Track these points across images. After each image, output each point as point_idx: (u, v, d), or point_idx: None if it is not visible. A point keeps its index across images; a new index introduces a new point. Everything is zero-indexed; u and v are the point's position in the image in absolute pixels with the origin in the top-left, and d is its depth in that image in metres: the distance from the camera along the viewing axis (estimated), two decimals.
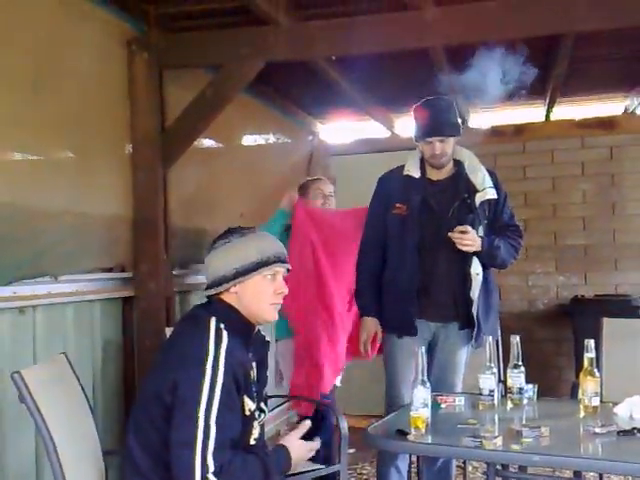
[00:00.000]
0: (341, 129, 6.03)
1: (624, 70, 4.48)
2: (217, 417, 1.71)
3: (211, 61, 3.50)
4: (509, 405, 2.58)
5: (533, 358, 4.35)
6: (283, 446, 1.88)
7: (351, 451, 4.10)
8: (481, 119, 5.68)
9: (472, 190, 2.96)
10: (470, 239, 2.86)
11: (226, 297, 1.93)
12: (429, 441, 2.14)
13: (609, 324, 3.92)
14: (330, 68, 4.03)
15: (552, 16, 3.00)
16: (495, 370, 2.59)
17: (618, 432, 2.17)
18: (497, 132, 5.64)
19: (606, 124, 5.40)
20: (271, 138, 5.25)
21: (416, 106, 3.01)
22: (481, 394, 2.57)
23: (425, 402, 2.21)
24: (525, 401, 2.60)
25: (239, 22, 3.41)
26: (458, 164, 3.04)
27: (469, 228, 2.86)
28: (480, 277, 2.92)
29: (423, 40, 3.17)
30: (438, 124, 2.92)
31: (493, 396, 2.55)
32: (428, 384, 2.24)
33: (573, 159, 5.55)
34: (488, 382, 2.56)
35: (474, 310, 2.92)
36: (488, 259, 2.95)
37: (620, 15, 2.98)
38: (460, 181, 2.99)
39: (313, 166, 5.76)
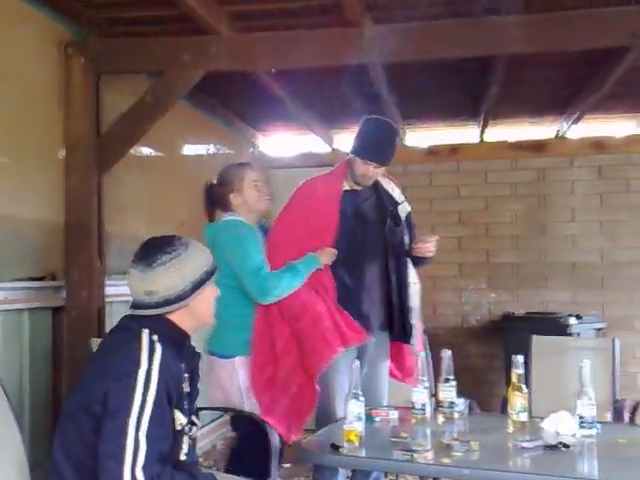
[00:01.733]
0: (282, 142, 6.05)
1: (555, 94, 4.66)
2: (147, 430, 1.67)
3: (151, 67, 3.47)
4: (440, 419, 2.61)
5: (466, 373, 4.46)
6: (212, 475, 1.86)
7: (286, 466, 4.07)
8: (417, 138, 5.79)
9: (393, 202, 3.03)
10: (434, 247, 2.94)
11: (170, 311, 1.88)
12: (362, 455, 2.15)
13: (538, 341, 4.03)
14: (272, 81, 4.05)
15: (485, 38, 3.11)
16: (427, 384, 2.63)
17: (544, 447, 2.23)
18: (433, 152, 5.77)
19: (537, 147, 5.60)
20: (212, 148, 5.24)
21: (367, 120, 2.95)
22: (413, 408, 2.60)
23: (359, 416, 2.22)
24: (456, 415, 2.63)
25: (181, 30, 3.39)
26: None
27: (434, 237, 2.94)
28: (418, 286, 2.98)
29: (362, 57, 3.23)
30: (383, 152, 2.90)
31: (425, 410, 2.59)
32: (362, 398, 2.25)
33: (505, 180, 5.72)
34: (420, 396, 2.59)
35: (412, 319, 2.97)
36: (426, 262, 3.04)
37: (551, 40, 3.11)
38: (382, 193, 3.05)
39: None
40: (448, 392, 2.64)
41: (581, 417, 2.40)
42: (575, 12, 3.10)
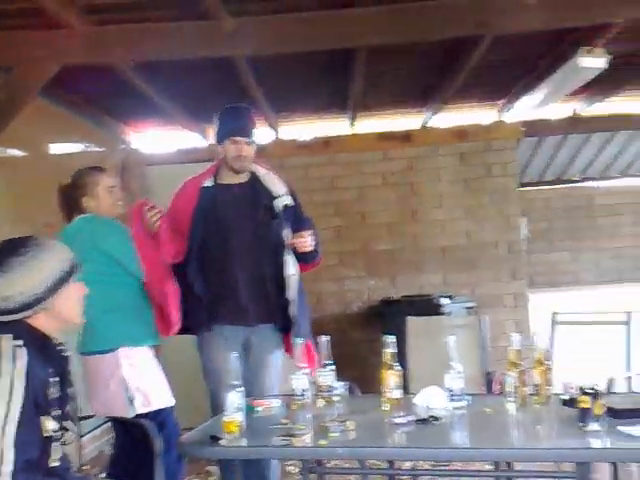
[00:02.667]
0: (158, 138, 5.92)
1: (416, 85, 4.85)
2: (14, 438, 1.61)
3: (1, 63, 3.30)
4: (321, 403, 2.67)
5: (350, 358, 4.59)
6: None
7: None
8: (291, 131, 5.86)
9: (270, 196, 3.06)
10: (310, 241, 2.99)
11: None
12: (243, 444, 2.17)
13: (412, 322, 4.22)
14: (136, 75, 3.96)
15: (343, 30, 3.20)
16: (307, 370, 2.68)
17: (416, 421, 2.34)
18: (306, 145, 5.85)
19: (404, 137, 5.81)
20: (80, 146, 5.05)
21: (221, 110, 3.08)
22: (294, 394, 2.65)
23: (239, 406, 2.23)
24: (336, 398, 2.71)
25: (31, 25, 3.24)
26: (252, 174, 3.13)
27: (307, 232, 2.99)
28: (296, 278, 3.03)
29: (220, 50, 3.24)
30: (245, 126, 3.03)
31: (305, 395, 2.64)
32: (242, 388, 2.26)
33: (376, 170, 5.90)
34: (300, 382, 2.64)
35: (291, 311, 3.01)
36: (310, 257, 3.08)
37: (406, 31, 3.25)
38: (257, 187, 3.08)
39: (126, 176, 5.60)
40: (327, 377, 2.71)
41: (450, 390, 2.54)
42: (427, 3, 3.23)
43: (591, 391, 2.13)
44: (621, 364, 3.62)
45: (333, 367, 2.71)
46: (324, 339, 2.73)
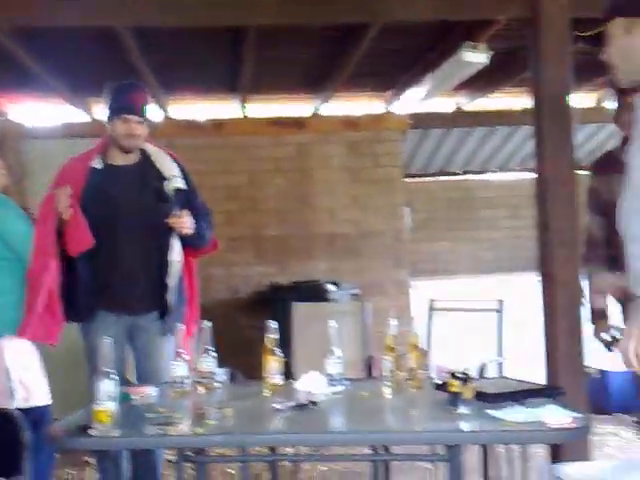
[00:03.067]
0: (39, 111, 5.60)
1: (308, 72, 4.86)
2: None
3: None
4: (201, 390, 2.63)
5: (237, 344, 4.56)
6: None
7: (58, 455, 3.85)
8: (181, 111, 5.72)
9: (160, 178, 2.97)
10: (188, 222, 2.89)
11: None
12: (114, 435, 2.09)
13: (299, 308, 4.25)
14: (13, 44, 3.71)
15: (234, 8, 3.15)
16: (187, 357, 2.63)
17: (295, 406, 2.35)
18: (197, 126, 5.73)
19: (296, 123, 5.81)
20: None
21: (111, 86, 2.97)
22: (174, 382, 2.59)
23: (111, 395, 2.15)
24: (217, 385, 2.67)
25: None
26: (143, 153, 3.03)
27: (185, 212, 2.89)
28: (179, 264, 2.95)
29: (103, 20, 3.10)
30: (137, 104, 2.93)
31: (184, 383, 2.59)
32: (114, 376, 2.18)
33: (268, 155, 5.87)
34: (179, 369, 2.59)
35: (168, 297, 2.94)
36: (196, 241, 3.01)
37: (300, 13, 3.24)
38: (147, 168, 2.99)
39: (4, 149, 5.28)
40: (209, 363, 2.67)
41: (330, 375, 2.57)
42: None
43: (461, 376, 2.21)
44: (493, 350, 3.80)
45: (214, 353, 2.68)
46: (206, 325, 2.69)
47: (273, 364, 2.57)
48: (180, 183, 3.00)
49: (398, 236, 5.90)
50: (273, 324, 2.60)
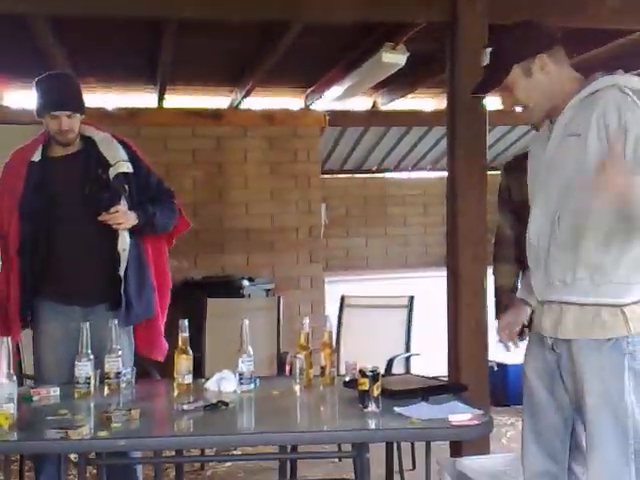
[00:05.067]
0: None
1: (228, 64, 4.79)
2: None
3: None
4: (106, 391, 2.56)
5: None
6: None
7: None
8: (96, 100, 5.52)
9: (105, 165, 2.87)
10: (122, 217, 2.80)
11: None
12: (13, 438, 2.01)
13: (212, 304, 4.20)
14: None
15: (155, 1, 3.07)
16: (92, 356, 2.55)
17: (205, 407, 2.32)
18: (109, 114, 5.54)
19: (214, 116, 5.72)
20: None
21: (38, 79, 2.85)
22: (77, 382, 2.51)
23: (10, 396, 2.07)
24: (124, 385, 2.61)
25: None
26: (88, 140, 2.92)
27: (119, 207, 2.80)
28: (126, 253, 2.85)
29: (14, 6, 2.96)
30: (65, 98, 2.83)
31: (89, 383, 2.51)
32: (14, 378, 2.10)
33: (185, 147, 5.76)
34: (84, 369, 2.51)
35: (122, 288, 2.84)
36: (150, 229, 2.92)
37: (220, 6, 3.19)
38: (90, 157, 2.89)
39: None
40: (114, 363, 2.60)
41: (241, 374, 2.56)
42: None
43: (370, 373, 2.25)
44: (401, 346, 3.89)
45: (120, 352, 2.61)
46: (112, 323, 2.62)
47: (184, 363, 2.54)
48: (124, 167, 2.88)
49: (313, 232, 5.92)
50: (185, 322, 2.56)
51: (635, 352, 1.84)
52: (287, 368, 3.54)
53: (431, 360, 3.67)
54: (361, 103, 5.77)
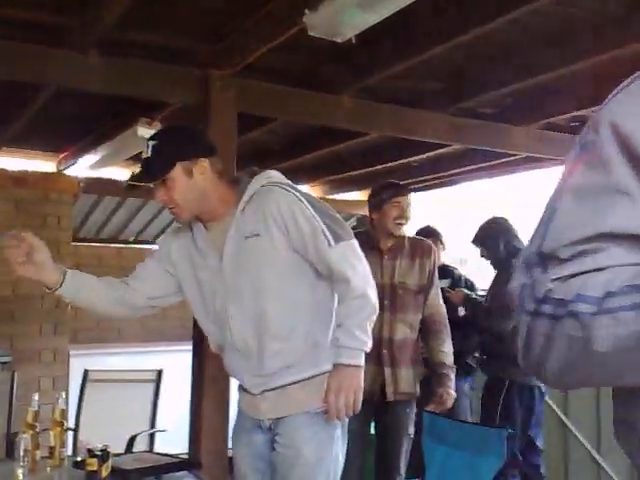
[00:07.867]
0: None
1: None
2: None
3: None
4: None
5: None
6: None
7: None
8: None
9: None
10: None
11: None
12: None
13: None
14: None
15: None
16: None
17: None
18: None
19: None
20: None
21: None
22: None
23: None
24: None
25: None
26: None
27: None
28: None
29: None
30: None
31: None
32: None
33: None
34: None
35: None
36: None
37: None
38: None
39: None
40: None
41: None
42: None
43: (99, 452, 2.18)
44: (147, 422, 3.81)
45: None
46: None
47: None
48: None
49: (61, 301, 5.59)
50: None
51: None
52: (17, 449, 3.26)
53: (179, 436, 3.63)
54: (119, 172, 5.71)
